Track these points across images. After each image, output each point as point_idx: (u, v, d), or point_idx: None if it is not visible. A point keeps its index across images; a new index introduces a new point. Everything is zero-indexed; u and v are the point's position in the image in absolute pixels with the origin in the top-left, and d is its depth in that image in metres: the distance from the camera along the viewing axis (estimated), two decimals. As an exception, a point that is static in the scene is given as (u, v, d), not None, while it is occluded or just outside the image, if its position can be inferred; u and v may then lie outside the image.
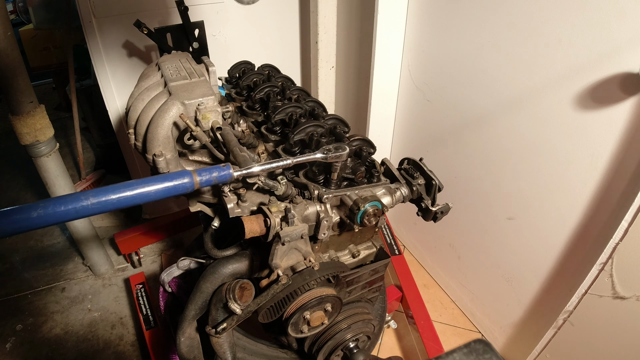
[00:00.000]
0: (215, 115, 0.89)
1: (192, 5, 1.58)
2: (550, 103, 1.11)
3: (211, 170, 0.63)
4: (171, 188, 0.60)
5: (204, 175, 0.63)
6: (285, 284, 0.73)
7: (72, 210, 0.54)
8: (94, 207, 0.56)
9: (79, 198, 0.55)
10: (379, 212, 0.74)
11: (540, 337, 1.31)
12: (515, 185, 1.31)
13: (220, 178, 0.64)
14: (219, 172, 0.64)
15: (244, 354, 0.96)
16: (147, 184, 0.59)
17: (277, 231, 0.70)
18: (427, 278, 1.91)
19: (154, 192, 0.59)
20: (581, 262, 1.14)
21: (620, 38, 0.91)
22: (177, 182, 0.60)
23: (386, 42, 1.57)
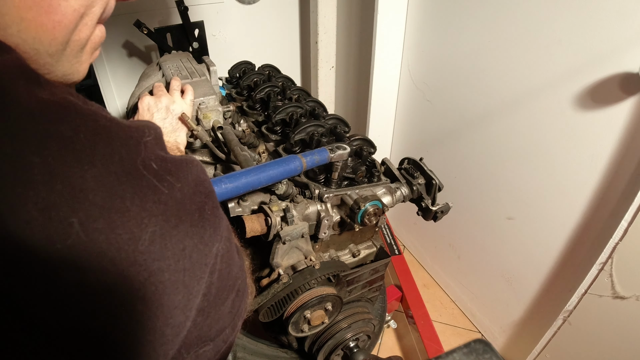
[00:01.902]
0: (216, 114, 0.89)
1: (192, 5, 1.58)
2: (550, 103, 1.11)
3: (313, 153, 0.73)
4: (287, 170, 0.68)
5: (308, 157, 0.72)
6: (286, 283, 0.73)
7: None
8: (227, 191, 0.61)
9: (218, 183, 0.60)
10: (379, 212, 0.74)
11: (540, 337, 1.31)
12: (515, 185, 1.31)
13: (321, 160, 0.74)
14: (320, 155, 0.74)
15: (244, 354, 0.96)
16: (268, 169, 0.66)
17: (278, 230, 0.71)
18: (427, 278, 1.91)
19: (273, 175, 0.66)
20: (581, 262, 1.14)
21: (620, 38, 0.91)
22: (291, 165, 0.69)
23: (386, 42, 1.57)
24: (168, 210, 0.30)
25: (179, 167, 0.32)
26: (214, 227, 0.34)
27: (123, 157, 0.28)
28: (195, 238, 0.31)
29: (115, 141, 0.28)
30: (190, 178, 0.33)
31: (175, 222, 0.30)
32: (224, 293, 0.36)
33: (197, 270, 0.31)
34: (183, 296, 0.30)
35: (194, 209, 0.32)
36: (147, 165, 0.30)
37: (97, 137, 0.27)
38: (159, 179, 0.30)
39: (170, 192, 0.30)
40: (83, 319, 0.25)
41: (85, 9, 0.33)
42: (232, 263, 0.38)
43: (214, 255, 0.34)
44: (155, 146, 0.32)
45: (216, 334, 0.36)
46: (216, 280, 0.34)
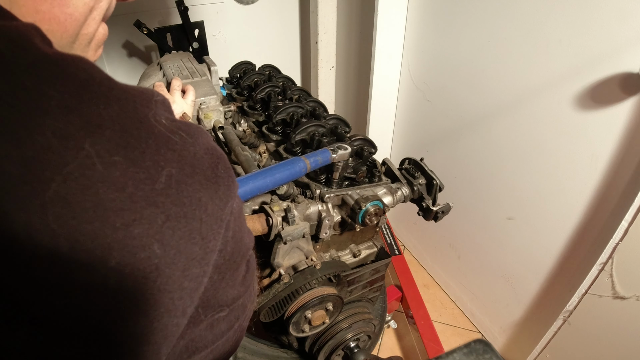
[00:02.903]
0: (217, 114, 0.89)
1: (192, 5, 1.58)
2: (550, 103, 1.11)
3: (316, 154, 0.74)
4: (292, 173, 0.69)
5: (312, 158, 0.72)
6: (287, 283, 0.73)
7: None
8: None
9: None
10: (380, 212, 0.74)
11: (540, 337, 1.31)
12: (515, 185, 1.32)
13: (324, 161, 0.74)
14: (322, 156, 0.74)
15: (244, 354, 0.96)
16: (273, 172, 0.66)
17: (279, 230, 0.71)
18: (427, 278, 1.91)
19: (279, 178, 0.67)
20: (581, 262, 1.14)
21: (620, 38, 0.91)
22: (296, 167, 0.69)
23: (386, 42, 1.57)
24: (182, 159, 0.30)
25: (188, 127, 0.33)
26: (227, 184, 0.34)
27: (137, 106, 0.29)
28: (210, 191, 0.31)
29: (129, 92, 0.29)
30: (201, 140, 0.33)
31: (189, 171, 0.30)
32: (237, 257, 0.36)
33: (214, 223, 0.31)
34: (200, 247, 0.30)
35: (206, 165, 0.32)
36: (158, 120, 0.30)
37: (111, 83, 0.28)
38: (171, 132, 0.30)
39: (183, 144, 0.30)
40: (100, 261, 0.24)
41: (95, 3, 0.34)
42: (244, 228, 0.38)
43: (229, 212, 0.33)
44: (163, 108, 0.32)
45: (231, 300, 0.36)
46: (231, 239, 0.34)
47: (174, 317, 0.29)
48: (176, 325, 0.30)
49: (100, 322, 0.25)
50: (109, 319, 0.25)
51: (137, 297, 0.26)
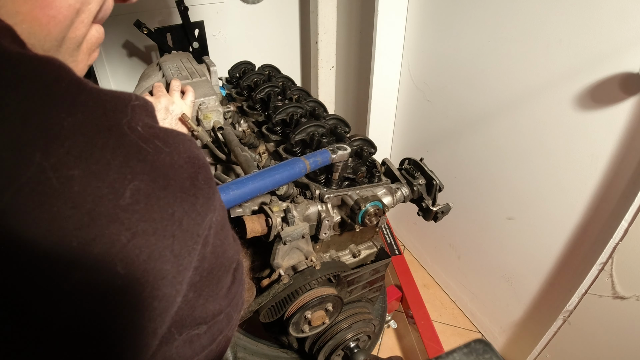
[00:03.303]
0: (216, 115, 0.89)
1: (192, 5, 1.58)
2: (550, 103, 1.11)
3: (316, 154, 0.74)
4: (292, 174, 0.69)
5: (311, 159, 0.72)
6: (287, 284, 0.73)
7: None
8: (235, 198, 0.61)
9: (226, 190, 0.60)
10: (380, 212, 0.74)
11: (540, 337, 1.31)
12: (515, 185, 1.32)
13: (323, 162, 0.74)
14: (322, 157, 0.74)
15: (244, 354, 0.96)
16: (272, 173, 0.66)
17: (279, 231, 0.71)
18: (427, 278, 1.91)
19: (279, 179, 0.67)
20: (581, 262, 1.14)
21: (620, 38, 0.91)
22: (296, 168, 0.69)
23: (386, 42, 1.57)
24: (155, 170, 0.28)
25: (168, 135, 0.31)
26: (207, 196, 0.32)
27: (107, 113, 0.27)
28: (186, 204, 0.29)
29: (100, 96, 0.27)
30: (181, 147, 0.31)
31: (163, 183, 0.28)
32: (219, 272, 0.34)
33: (188, 239, 0.29)
34: (172, 265, 0.28)
35: (184, 176, 0.30)
36: (132, 127, 0.28)
37: (80, 87, 0.26)
38: (144, 141, 0.28)
39: (156, 154, 0.28)
40: (54, 282, 0.23)
41: (81, 5, 0.33)
42: (227, 242, 0.36)
43: (207, 227, 0.32)
44: (143, 112, 0.30)
45: (211, 316, 0.35)
46: (209, 254, 0.32)
47: (143, 338, 0.27)
48: (145, 345, 0.28)
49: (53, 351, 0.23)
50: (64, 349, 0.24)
51: (99, 320, 0.25)
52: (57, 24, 0.31)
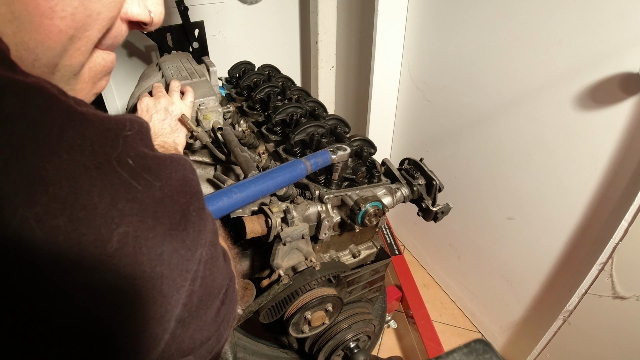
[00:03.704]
0: (216, 115, 0.89)
1: (192, 5, 1.58)
2: (550, 103, 1.11)
3: (316, 155, 0.73)
4: (293, 175, 0.68)
5: (312, 160, 0.72)
6: (287, 284, 0.73)
7: (224, 206, 0.59)
8: (238, 201, 0.60)
9: (228, 193, 0.60)
10: (379, 212, 0.74)
11: (540, 337, 1.31)
12: (515, 185, 1.31)
13: (324, 162, 0.74)
14: (322, 158, 0.74)
15: (244, 354, 0.96)
16: (274, 175, 0.66)
17: (278, 231, 0.71)
18: (427, 278, 1.91)
19: (280, 181, 0.66)
20: (581, 262, 1.14)
21: (620, 38, 0.91)
22: (297, 170, 0.69)
23: (386, 42, 1.57)
24: (144, 210, 0.27)
25: (161, 164, 0.30)
26: (198, 230, 0.31)
27: (95, 149, 0.25)
28: (176, 242, 0.29)
29: (88, 131, 0.26)
30: (174, 176, 0.31)
31: (152, 223, 0.27)
32: (208, 302, 0.34)
33: (177, 277, 0.29)
34: (160, 306, 0.27)
35: (175, 209, 0.30)
36: (122, 161, 0.27)
37: (68, 124, 0.25)
38: (134, 176, 0.27)
39: (146, 190, 0.28)
40: (38, 330, 0.22)
41: (76, 32, 0.30)
42: (217, 270, 0.35)
43: (197, 261, 0.31)
44: (137, 141, 0.29)
45: (199, 345, 0.34)
46: (199, 288, 0.32)
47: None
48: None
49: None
50: None
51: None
52: (46, 49, 0.29)
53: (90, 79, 0.35)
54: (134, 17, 0.35)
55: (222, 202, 0.58)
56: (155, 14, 0.37)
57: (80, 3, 0.29)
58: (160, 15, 0.37)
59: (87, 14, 0.30)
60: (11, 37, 0.27)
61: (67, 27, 0.29)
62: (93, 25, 0.31)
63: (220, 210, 0.58)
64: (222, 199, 0.58)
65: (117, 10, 0.33)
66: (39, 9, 0.27)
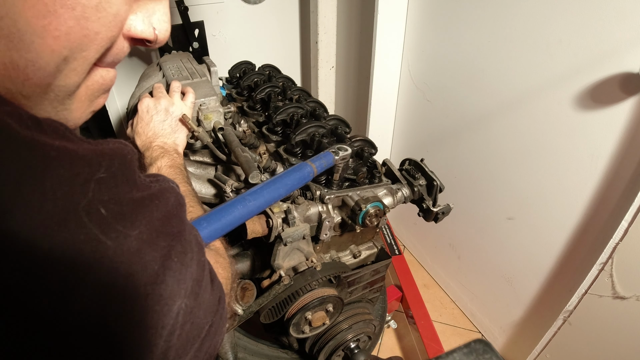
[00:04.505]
0: (217, 115, 0.89)
1: (192, 5, 1.58)
2: (550, 103, 1.11)
3: (320, 157, 0.74)
4: (302, 179, 0.68)
5: (317, 162, 0.72)
6: (287, 285, 0.73)
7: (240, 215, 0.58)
8: (253, 209, 0.60)
9: (242, 201, 0.59)
10: (380, 213, 0.74)
11: (540, 337, 1.31)
12: (515, 185, 1.32)
13: (328, 164, 0.74)
14: (326, 160, 0.74)
15: (245, 354, 0.96)
16: (285, 181, 0.66)
17: (279, 232, 0.71)
18: (427, 278, 1.91)
19: (291, 186, 0.66)
20: (581, 262, 1.14)
21: (620, 38, 0.91)
22: (305, 173, 0.69)
23: (386, 42, 1.57)
24: (113, 270, 0.24)
25: (139, 207, 0.27)
26: (177, 280, 0.28)
27: (58, 202, 0.23)
28: (151, 299, 0.26)
29: (51, 179, 0.23)
30: (155, 216, 0.28)
31: (123, 282, 0.25)
32: (186, 349, 0.31)
33: (151, 337, 0.26)
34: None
35: (155, 257, 0.27)
36: (92, 211, 0.24)
37: (26, 174, 0.22)
38: (105, 229, 0.24)
39: (118, 245, 0.25)
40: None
41: (70, 53, 0.28)
42: (199, 311, 0.32)
43: (174, 315, 0.28)
44: (114, 182, 0.26)
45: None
46: (176, 341, 0.29)
47: None
48: None
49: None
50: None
51: None
52: (37, 69, 0.27)
53: (87, 97, 0.33)
54: (138, 35, 0.33)
55: (237, 211, 0.57)
56: (160, 32, 0.35)
57: (77, 22, 0.27)
58: (165, 33, 0.35)
59: (83, 34, 0.28)
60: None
61: (61, 47, 0.27)
62: (90, 45, 0.29)
63: (236, 219, 0.57)
64: (237, 207, 0.58)
65: (117, 29, 0.30)
66: (30, 27, 0.25)
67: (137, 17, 0.33)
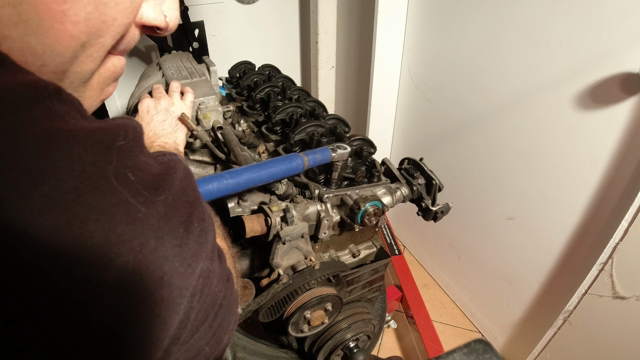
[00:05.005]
0: (216, 114, 0.89)
1: (192, 5, 1.58)
2: (550, 103, 1.11)
3: (315, 152, 0.73)
4: (289, 168, 0.68)
5: (310, 156, 0.72)
6: (286, 283, 0.73)
7: (213, 191, 0.59)
8: (228, 187, 0.61)
9: (219, 178, 0.61)
10: (379, 212, 0.74)
11: (540, 337, 1.31)
12: (515, 185, 1.31)
13: (322, 159, 0.73)
14: (321, 154, 0.73)
15: (244, 354, 0.96)
16: (269, 166, 0.66)
17: (278, 230, 0.71)
18: (427, 278, 1.91)
19: (274, 172, 0.66)
20: (581, 262, 1.14)
21: (620, 38, 0.91)
22: (293, 163, 0.68)
23: (386, 42, 1.57)
24: (146, 231, 0.25)
25: (161, 174, 0.28)
26: (199, 243, 0.30)
27: (86, 168, 0.23)
28: (177, 260, 0.27)
29: (76, 147, 0.23)
30: (175, 185, 0.29)
31: (155, 244, 0.25)
32: (204, 314, 0.32)
33: (177, 297, 0.27)
34: (157, 329, 0.26)
35: (179, 222, 0.28)
36: (122, 175, 0.25)
37: (51, 143, 0.22)
38: (135, 194, 0.25)
39: (149, 208, 0.26)
40: None
41: (88, 38, 0.28)
42: (214, 277, 0.33)
43: (197, 277, 0.29)
44: (132, 150, 0.27)
45: (194, 355, 0.32)
46: (197, 303, 0.30)
47: None
48: None
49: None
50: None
51: None
52: (55, 55, 0.27)
53: (99, 85, 0.33)
54: (150, 22, 0.34)
55: (211, 186, 0.58)
56: (171, 19, 0.35)
57: (95, 8, 0.27)
58: (175, 21, 0.36)
59: (102, 20, 0.28)
60: (17, 41, 0.25)
61: (79, 33, 0.27)
62: (107, 31, 0.29)
63: (208, 194, 0.58)
64: (213, 183, 0.59)
65: (133, 16, 0.31)
66: (49, 12, 0.25)
67: (149, 5, 0.33)
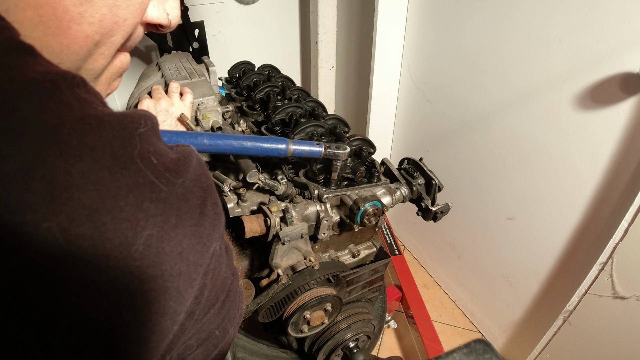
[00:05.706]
0: (215, 115, 0.89)
1: (192, 5, 1.58)
2: (550, 103, 1.11)
3: (304, 143, 0.72)
4: (270, 149, 0.69)
5: (297, 146, 0.70)
6: (286, 284, 0.73)
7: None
8: (205, 148, 0.65)
9: (198, 136, 0.65)
10: (379, 212, 0.74)
11: (540, 337, 1.31)
12: (515, 185, 1.31)
13: (310, 153, 0.72)
14: (310, 147, 0.72)
15: (244, 354, 0.96)
16: (251, 139, 0.68)
17: (277, 231, 0.70)
18: (427, 278, 1.91)
19: (253, 147, 0.68)
20: (581, 262, 1.14)
21: (620, 38, 0.91)
22: (275, 145, 0.69)
23: (386, 42, 1.57)
24: (168, 209, 0.27)
25: (178, 162, 0.30)
26: (213, 224, 0.32)
27: (115, 150, 0.25)
28: (194, 238, 0.29)
29: (106, 131, 0.25)
30: (191, 171, 0.31)
31: (175, 221, 0.27)
32: (215, 294, 0.34)
33: (193, 272, 0.29)
34: (174, 301, 0.28)
35: (195, 204, 0.30)
36: (146, 159, 0.27)
37: (85, 126, 0.24)
38: (157, 175, 0.27)
39: (170, 189, 0.28)
40: (55, 335, 0.22)
41: (102, 37, 0.31)
42: (223, 261, 0.36)
43: (210, 255, 0.31)
44: (152, 137, 0.29)
45: (205, 336, 0.34)
46: (209, 281, 0.32)
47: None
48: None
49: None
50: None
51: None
52: (71, 54, 0.29)
53: (107, 80, 0.36)
54: (154, 21, 0.36)
55: (187, 142, 0.62)
56: (173, 17, 0.38)
57: (109, 10, 0.30)
58: (177, 18, 0.39)
59: (114, 21, 0.31)
60: (36, 41, 0.27)
61: (94, 33, 0.30)
62: (118, 31, 0.32)
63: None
64: (189, 140, 0.63)
65: (141, 16, 0.34)
66: (67, 14, 0.28)
67: (153, 4, 0.36)
